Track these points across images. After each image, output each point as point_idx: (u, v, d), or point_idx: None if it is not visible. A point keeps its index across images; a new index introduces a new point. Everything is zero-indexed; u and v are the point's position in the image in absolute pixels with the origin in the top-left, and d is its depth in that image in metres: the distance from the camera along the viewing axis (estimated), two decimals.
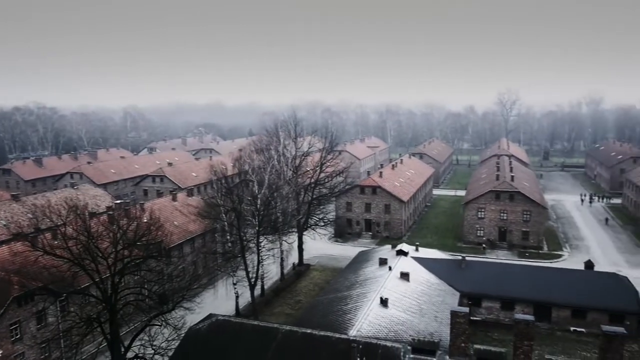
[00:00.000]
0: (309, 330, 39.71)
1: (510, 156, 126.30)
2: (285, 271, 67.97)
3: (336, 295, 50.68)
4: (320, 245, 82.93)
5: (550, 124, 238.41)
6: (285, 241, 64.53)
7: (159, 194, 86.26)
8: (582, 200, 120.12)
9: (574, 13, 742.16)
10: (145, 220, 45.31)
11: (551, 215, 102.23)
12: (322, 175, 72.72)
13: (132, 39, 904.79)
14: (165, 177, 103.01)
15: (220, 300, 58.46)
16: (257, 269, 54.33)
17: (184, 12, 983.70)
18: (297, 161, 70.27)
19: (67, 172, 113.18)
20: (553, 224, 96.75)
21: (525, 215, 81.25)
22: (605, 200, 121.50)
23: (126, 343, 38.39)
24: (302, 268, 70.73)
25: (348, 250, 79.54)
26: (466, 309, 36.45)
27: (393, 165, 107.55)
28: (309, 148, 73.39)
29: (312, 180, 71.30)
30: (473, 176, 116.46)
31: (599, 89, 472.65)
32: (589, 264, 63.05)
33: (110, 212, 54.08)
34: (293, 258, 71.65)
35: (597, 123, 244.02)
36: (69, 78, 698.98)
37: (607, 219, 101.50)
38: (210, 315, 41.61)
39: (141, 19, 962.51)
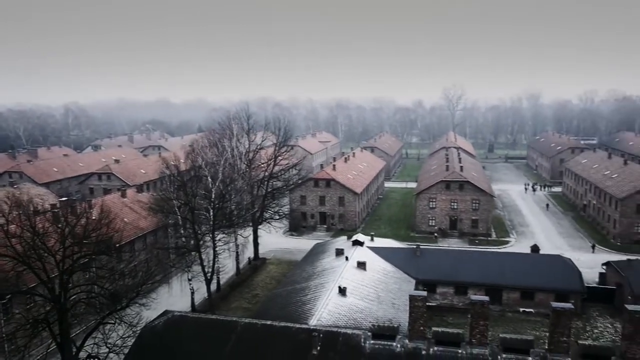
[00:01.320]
0: (268, 322, 39.39)
1: (458, 148, 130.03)
2: (241, 266, 67.18)
3: (294, 287, 50.50)
4: (275, 239, 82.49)
5: (494, 118, 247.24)
6: (240, 235, 63.72)
7: (106, 192, 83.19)
8: (526, 189, 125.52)
9: (514, 11, 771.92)
10: (94, 217, 43.51)
11: (498, 204, 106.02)
12: (277, 168, 72.24)
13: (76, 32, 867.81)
14: (113, 174, 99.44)
15: (175, 297, 57.06)
16: (214, 264, 53.39)
17: (134, 10, 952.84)
18: (251, 155, 69.46)
19: (5, 172, 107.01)
20: (500, 212, 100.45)
21: (474, 204, 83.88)
22: (546, 188, 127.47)
23: (79, 343, 36.73)
24: (258, 262, 70.10)
25: (303, 244, 79.50)
26: (424, 293, 37.18)
27: (346, 158, 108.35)
28: (262, 141, 72.74)
29: (266, 173, 70.72)
30: (423, 168, 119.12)
31: (538, 84, 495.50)
32: (535, 248, 65.94)
33: (56, 210, 51.56)
34: (249, 252, 70.88)
35: (536, 117, 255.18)
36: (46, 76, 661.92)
37: (547, 205, 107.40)
38: (165, 312, 40.48)
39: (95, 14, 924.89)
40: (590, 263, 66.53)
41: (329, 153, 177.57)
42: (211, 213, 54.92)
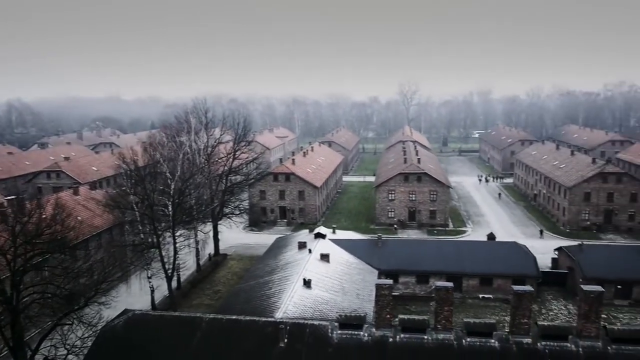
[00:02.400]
0: (234, 317, 38.78)
1: (414, 142, 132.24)
2: (202, 262, 65.92)
3: (258, 281, 49.98)
4: (235, 235, 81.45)
5: (447, 113, 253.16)
6: (201, 231, 62.50)
7: (56, 191, 79.69)
8: (480, 181, 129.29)
9: (466, 9, 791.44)
10: (45, 215, 41.50)
11: (453, 195, 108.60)
12: (236, 163, 71.23)
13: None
14: (62, 172, 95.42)
15: (135, 296, 55.38)
16: (174, 261, 52.07)
17: (84, 3, 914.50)
18: (210, 149, 68.17)
19: None
20: (456, 203, 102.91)
21: (432, 195, 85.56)
22: (498, 180, 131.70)
23: (34, 346, 34.96)
24: (218, 258, 69.02)
25: (264, 239, 78.88)
26: (390, 281, 37.51)
27: (304, 152, 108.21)
28: (221, 135, 71.52)
29: (226, 168, 69.60)
30: (381, 161, 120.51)
31: (488, 80, 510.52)
32: (491, 236, 67.95)
33: (3, 208, 48.86)
34: (209, 248, 69.66)
35: (487, 111, 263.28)
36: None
37: (500, 194, 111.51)
38: (125, 311, 39.16)
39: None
40: (542, 249, 69.04)
41: (287, 148, 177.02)
42: (170, 209, 53.53)
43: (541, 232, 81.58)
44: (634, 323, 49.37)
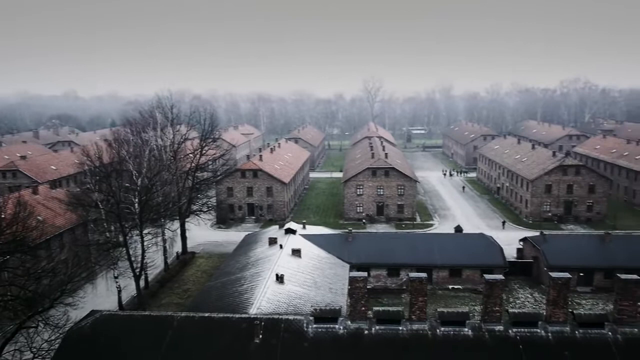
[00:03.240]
0: (206, 314, 38.09)
1: (380, 137, 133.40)
2: (170, 261, 64.57)
3: (229, 278, 49.27)
4: (203, 233, 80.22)
5: (411, 110, 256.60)
6: (168, 229, 61.17)
7: (13, 191, 76.37)
8: (444, 175, 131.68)
9: (427, 6, 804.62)
10: (4, 215, 39.69)
11: (419, 190, 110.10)
12: (203, 159, 70.01)
13: None
14: (19, 171, 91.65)
15: (101, 297, 53.75)
16: (142, 259, 50.71)
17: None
18: (176, 145, 66.75)
19: None
20: (422, 197, 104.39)
21: (399, 190, 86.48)
22: (462, 174, 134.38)
23: None
24: (187, 256, 67.77)
25: (232, 236, 78.03)
26: (364, 274, 37.43)
27: (272, 149, 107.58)
28: (188, 131, 70.15)
29: (193, 164, 68.33)
30: (347, 157, 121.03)
31: (450, 78, 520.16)
32: (458, 229, 69.22)
33: None
34: (177, 247, 68.32)
35: (449, 108, 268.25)
36: None
37: (463, 187, 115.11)
38: (92, 312, 37.89)
39: None
40: (506, 240, 70.48)
41: (252, 145, 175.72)
42: (136, 206, 52.10)
43: (503, 223, 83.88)
44: (596, 308, 51.19)
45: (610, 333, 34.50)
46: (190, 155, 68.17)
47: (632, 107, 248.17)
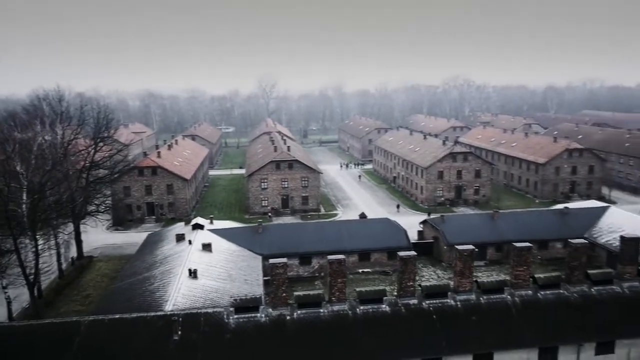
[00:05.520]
0: (117, 316, 35.86)
1: (279, 133, 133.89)
2: (64, 266, 59.56)
3: (137, 278, 46.76)
4: (100, 236, 75.09)
5: (306, 106, 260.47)
6: (62, 232, 56.36)
7: None
8: (342, 168, 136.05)
9: (314, 7, 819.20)
10: None
11: (321, 182, 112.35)
12: (97, 156, 65.40)
13: None
14: None
15: None
16: (37, 265, 46.16)
17: None
18: (66, 142, 61.58)
19: None
20: (324, 189, 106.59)
21: (303, 182, 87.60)
22: (359, 166, 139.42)
23: None
24: (83, 261, 62.97)
25: (132, 237, 74.05)
26: (284, 260, 37.66)
27: (169, 145, 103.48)
28: (79, 126, 64.96)
29: (87, 162, 63.55)
30: (249, 153, 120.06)
31: (341, 76, 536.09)
32: (363, 216, 71.72)
33: None
34: (73, 252, 63.22)
35: (343, 104, 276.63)
36: None
37: (359, 176, 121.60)
38: None
39: None
40: (406, 224, 74.16)
41: (145, 144, 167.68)
42: (24, 208, 47.37)
43: (398, 206, 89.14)
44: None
45: (509, 297, 38.03)
46: (83, 152, 63.26)
47: (504, 101, 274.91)
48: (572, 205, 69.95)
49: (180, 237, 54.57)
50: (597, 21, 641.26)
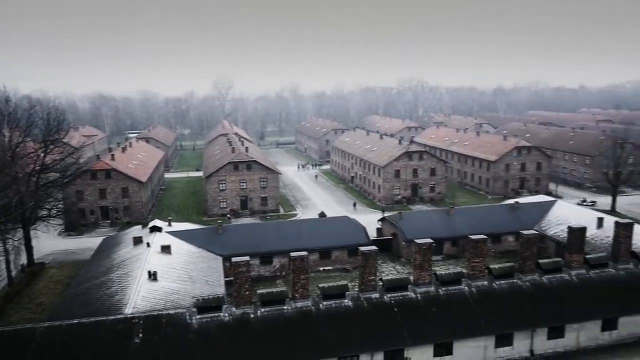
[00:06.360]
0: (75, 321, 34.92)
1: (236, 134, 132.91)
2: (14, 274, 57.12)
3: (94, 283, 45.50)
4: (51, 242, 72.46)
5: (263, 108, 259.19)
6: (11, 238, 54.08)
7: None
8: (299, 169, 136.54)
9: (269, 10, 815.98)
10: None
11: (279, 183, 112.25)
12: (48, 159, 63.05)
13: None
14: None
15: None
16: None
17: None
18: (14, 144, 59.08)
19: None
20: (283, 190, 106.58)
21: (262, 182, 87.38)
22: (317, 167, 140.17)
23: None
24: (34, 268, 60.56)
25: (86, 242, 71.86)
26: (246, 258, 37.70)
27: (123, 148, 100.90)
28: (28, 127, 62.37)
29: (37, 165, 61.15)
30: (206, 155, 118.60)
31: (297, 78, 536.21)
32: (322, 215, 72.27)
33: None
34: (24, 258, 60.72)
35: (299, 106, 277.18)
36: None
37: (316, 176, 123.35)
38: None
39: None
40: (365, 222, 75.40)
41: (96, 148, 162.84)
42: None
43: (354, 204, 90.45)
44: None
45: (466, 287, 39.46)
46: (33, 155, 60.82)
47: (456, 102, 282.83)
48: (522, 200, 72.95)
49: (138, 240, 53.45)
50: (542, 26, 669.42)
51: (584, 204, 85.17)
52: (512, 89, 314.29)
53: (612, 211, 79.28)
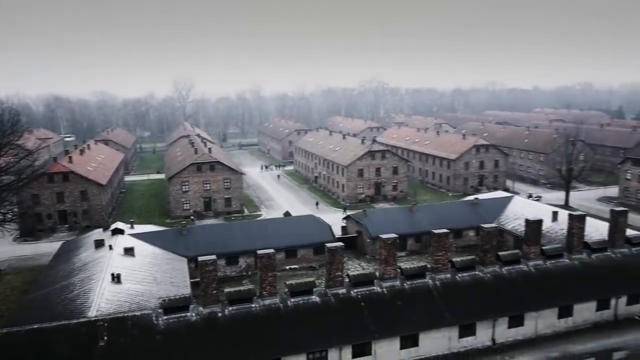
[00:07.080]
0: (35, 326, 33.95)
1: (198, 135, 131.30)
2: None
3: (54, 287, 44.22)
4: (7, 248, 70.03)
5: (224, 109, 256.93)
6: None
7: None
8: (262, 170, 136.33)
9: (229, 11, 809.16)
10: None
11: (243, 184, 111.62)
12: (2, 162, 60.78)
13: None
14: None
15: None
16: None
17: None
18: None
19: None
20: (247, 191, 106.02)
21: (226, 183, 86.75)
22: (280, 168, 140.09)
23: None
24: None
25: (44, 248, 69.75)
26: (213, 257, 37.54)
27: (81, 150, 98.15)
28: None
29: None
30: (168, 156, 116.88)
31: (259, 79, 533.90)
32: (287, 214, 72.42)
33: None
34: None
35: (261, 107, 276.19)
36: None
37: (279, 176, 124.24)
38: None
39: None
40: (330, 221, 76.07)
41: (52, 151, 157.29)
42: None
43: (317, 204, 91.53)
44: None
45: (430, 280, 40.51)
46: None
47: (416, 103, 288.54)
48: (481, 196, 75.17)
49: (99, 243, 52.33)
50: (497, 31, 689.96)
51: (530, 199, 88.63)
52: (470, 90, 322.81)
53: (566, 205, 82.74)
